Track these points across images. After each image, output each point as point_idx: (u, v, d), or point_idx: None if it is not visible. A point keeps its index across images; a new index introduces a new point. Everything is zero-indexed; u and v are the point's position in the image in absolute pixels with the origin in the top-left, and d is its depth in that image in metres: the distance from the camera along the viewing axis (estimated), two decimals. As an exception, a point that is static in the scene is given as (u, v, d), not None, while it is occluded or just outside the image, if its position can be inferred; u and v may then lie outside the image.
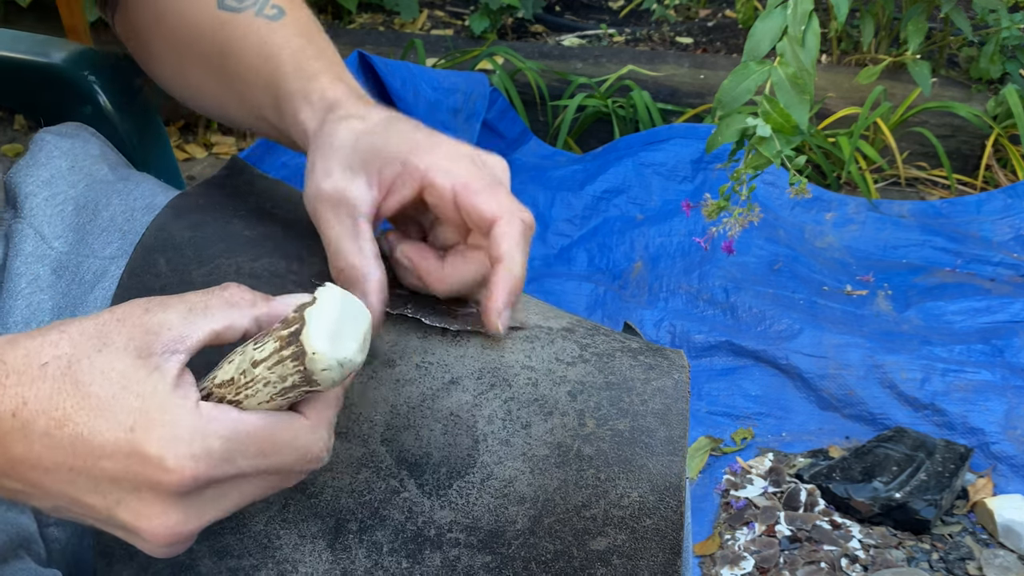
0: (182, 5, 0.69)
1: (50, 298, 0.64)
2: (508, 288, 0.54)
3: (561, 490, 0.55)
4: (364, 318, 0.45)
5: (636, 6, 3.07)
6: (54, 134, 0.75)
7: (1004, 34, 2.20)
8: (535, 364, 0.58)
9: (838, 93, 2.29)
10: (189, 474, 0.40)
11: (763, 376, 1.67)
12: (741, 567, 1.33)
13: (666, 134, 2.10)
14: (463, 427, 0.55)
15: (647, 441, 0.56)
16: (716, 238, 1.49)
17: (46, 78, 0.83)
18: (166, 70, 0.74)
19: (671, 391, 0.58)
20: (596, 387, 0.57)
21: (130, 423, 0.40)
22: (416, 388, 0.56)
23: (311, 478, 0.54)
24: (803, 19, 1.29)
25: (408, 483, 0.55)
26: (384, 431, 0.55)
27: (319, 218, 0.57)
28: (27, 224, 0.67)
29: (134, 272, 0.61)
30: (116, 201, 0.70)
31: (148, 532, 0.41)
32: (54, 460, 0.40)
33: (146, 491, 0.41)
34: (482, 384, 0.57)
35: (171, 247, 0.62)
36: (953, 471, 1.42)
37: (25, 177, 0.70)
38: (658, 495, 0.55)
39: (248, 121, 0.69)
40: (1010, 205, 1.99)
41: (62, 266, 0.66)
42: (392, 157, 0.55)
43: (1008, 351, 1.62)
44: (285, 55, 0.63)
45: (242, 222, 0.65)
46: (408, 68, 1.95)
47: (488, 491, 0.55)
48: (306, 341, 0.42)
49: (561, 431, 0.56)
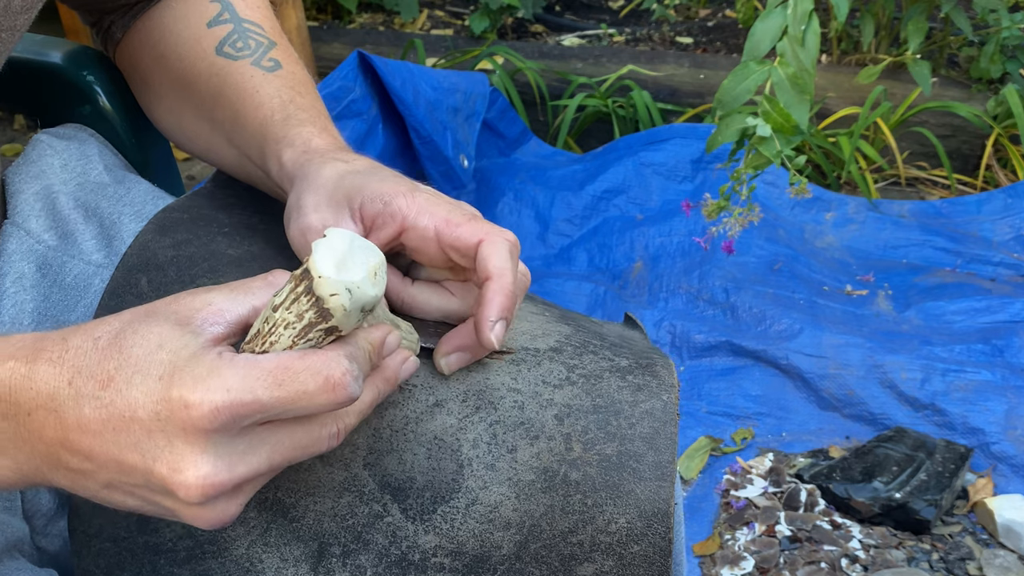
0: (182, 49, 0.72)
1: (31, 299, 0.64)
2: (501, 301, 0.54)
3: (547, 516, 0.54)
4: (375, 255, 0.46)
5: (636, 6, 3.07)
6: (50, 135, 0.75)
7: (1004, 34, 2.20)
8: (521, 387, 0.57)
9: (838, 93, 2.29)
10: (208, 408, 0.42)
11: (763, 376, 1.67)
12: (741, 567, 1.33)
13: (666, 134, 2.10)
14: (447, 451, 0.55)
15: (635, 466, 0.55)
16: (716, 238, 1.49)
17: (46, 78, 0.83)
18: (162, 109, 0.76)
19: (659, 413, 0.57)
20: (583, 410, 0.57)
21: (159, 373, 0.43)
22: (399, 411, 0.55)
23: (292, 501, 0.54)
24: (803, 19, 1.29)
25: (391, 507, 0.54)
26: (366, 455, 0.55)
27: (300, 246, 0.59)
28: (11, 222, 0.67)
29: (115, 292, 0.61)
30: (105, 205, 0.70)
31: (182, 487, 0.43)
32: (100, 420, 0.43)
33: (177, 439, 0.42)
34: (467, 407, 0.56)
35: (153, 266, 0.62)
36: (953, 471, 1.41)
37: (15, 176, 0.70)
38: (646, 521, 0.54)
39: (235, 165, 0.71)
40: (1010, 205, 1.99)
41: (47, 263, 0.66)
42: (374, 196, 0.57)
43: (1008, 351, 1.62)
44: (275, 103, 0.66)
45: (226, 240, 0.64)
46: (408, 68, 1.95)
47: (473, 516, 0.54)
48: (312, 268, 0.43)
49: (547, 456, 0.55)
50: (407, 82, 1.90)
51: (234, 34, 0.71)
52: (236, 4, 0.73)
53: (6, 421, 0.45)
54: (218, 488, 0.43)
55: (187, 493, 0.43)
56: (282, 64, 0.70)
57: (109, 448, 0.43)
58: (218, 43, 0.71)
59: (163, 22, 0.74)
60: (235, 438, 0.43)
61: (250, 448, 0.44)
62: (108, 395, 0.43)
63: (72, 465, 0.45)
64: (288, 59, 0.71)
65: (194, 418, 0.42)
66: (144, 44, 0.75)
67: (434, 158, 1.93)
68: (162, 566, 0.55)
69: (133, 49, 0.76)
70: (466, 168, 1.99)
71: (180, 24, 0.73)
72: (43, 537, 0.62)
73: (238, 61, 0.69)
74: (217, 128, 0.70)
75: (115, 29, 0.77)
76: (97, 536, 0.56)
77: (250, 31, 0.72)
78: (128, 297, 0.61)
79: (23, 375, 0.44)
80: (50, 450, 0.45)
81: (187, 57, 0.72)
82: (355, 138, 1.85)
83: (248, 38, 0.71)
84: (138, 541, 0.55)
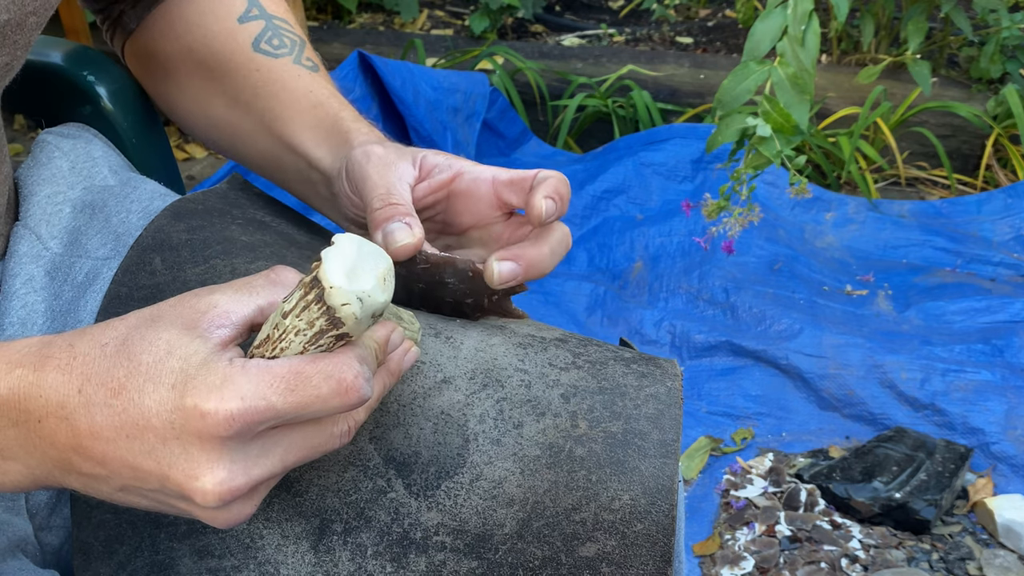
0: (214, 43, 0.74)
1: (43, 300, 0.65)
2: (555, 184, 0.60)
3: (551, 492, 0.54)
4: (383, 259, 0.46)
5: (636, 6, 3.07)
6: (56, 135, 0.75)
7: (1004, 34, 2.20)
8: (528, 368, 0.58)
9: (838, 93, 2.29)
10: (223, 416, 0.42)
11: (763, 376, 1.67)
12: (741, 567, 1.33)
13: (666, 134, 2.10)
14: (454, 426, 0.55)
15: (640, 444, 0.55)
16: (716, 238, 1.49)
17: (46, 78, 0.82)
18: (186, 99, 0.77)
19: (664, 397, 0.57)
20: (589, 391, 0.57)
21: (172, 382, 0.43)
22: (407, 386, 0.56)
23: (296, 475, 0.54)
24: (803, 19, 1.29)
25: (395, 483, 0.54)
26: (373, 428, 0.55)
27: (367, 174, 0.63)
28: (23, 225, 0.67)
29: (128, 269, 0.61)
30: (112, 204, 0.70)
31: (199, 493, 0.43)
32: (113, 428, 0.43)
33: (192, 446, 0.43)
34: (475, 384, 0.56)
35: (167, 247, 0.62)
36: (953, 471, 1.42)
37: (26, 178, 0.70)
38: (650, 498, 0.54)
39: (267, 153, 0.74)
40: (1010, 205, 1.99)
41: (56, 267, 0.66)
42: (436, 153, 0.65)
43: (1008, 351, 1.62)
44: (334, 102, 0.72)
45: (240, 229, 0.65)
46: (408, 68, 1.95)
47: (477, 492, 0.54)
48: (323, 278, 0.43)
49: (553, 432, 0.55)
50: (407, 82, 1.90)
51: (268, 31, 0.74)
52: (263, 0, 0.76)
53: (16, 428, 0.45)
54: (235, 492, 0.44)
55: (204, 499, 0.43)
56: (318, 67, 0.75)
57: (123, 454, 0.44)
58: (253, 39, 0.74)
59: (187, 14, 0.75)
60: (249, 443, 0.44)
61: (264, 451, 0.44)
62: (120, 403, 0.43)
63: (85, 470, 0.45)
64: (315, 57, 0.76)
65: (210, 426, 0.42)
66: (166, 35, 0.76)
67: (434, 158, 1.93)
68: (162, 540, 0.55)
69: (151, 39, 0.77)
70: (466, 168, 1.98)
71: (209, 18, 0.74)
72: (47, 532, 0.62)
73: (280, 59, 0.73)
74: (256, 118, 0.73)
75: (128, 19, 0.78)
76: (98, 507, 0.56)
77: (281, 28, 0.75)
78: (141, 275, 0.61)
79: (31, 383, 0.44)
80: (62, 455, 0.45)
81: (221, 51, 0.73)
82: (355, 138, 1.85)
83: (282, 36, 0.74)
84: (139, 513, 0.55)
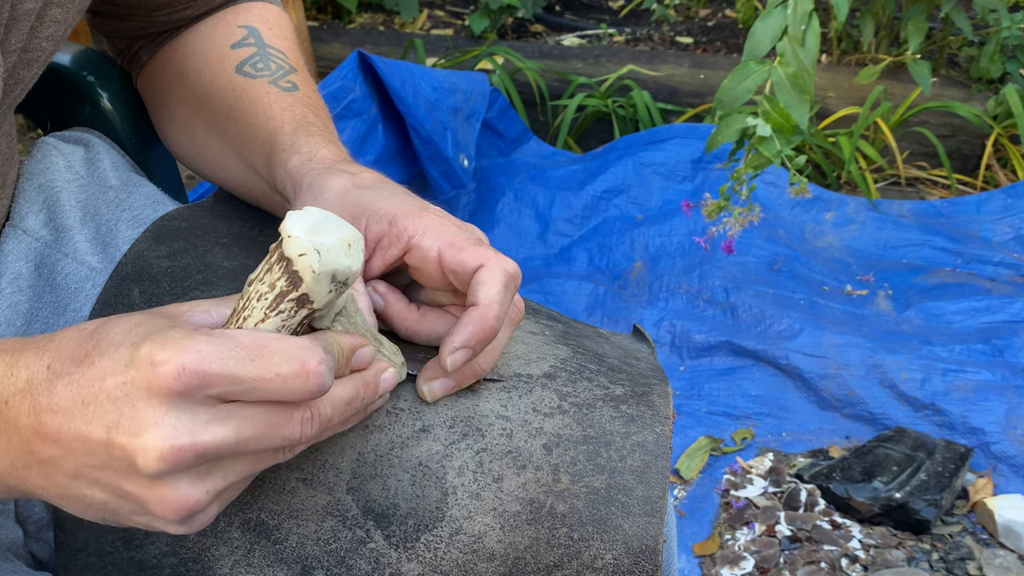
0: (203, 67, 0.73)
1: (27, 299, 0.65)
2: (472, 331, 0.52)
3: (532, 548, 0.53)
4: (351, 230, 0.45)
5: (636, 6, 3.07)
6: (58, 138, 0.76)
7: (1004, 34, 2.20)
8: (511, 414, 0.56)
9: (838, 93, 2.29)
10: (173, 366, 0.41)
11: (763, 376, 1.67)
12: (741, 567, 1.33)
13: (666, 134, 2.10)
14: (432, 478, 0.54)
15: (624, 500, 0.54)
16: (716, 238, 1.49)
17: (46, 78, 0.82)
18: (175, 127, 0.77)
19: (651, 446, 0.56)
20: (573, 440, 0.55)
21: (133, 340, 0.43)
22: (385, 435, 0.55)
23: (275, 523, 0.53)
24: (803, 19, 1.29)
25: (375, 534, 0.53)
26: (350, 479, 0.54)
27: None
28: (11, 224, 0.68)
29: (107, 303, 0.61)
30: (104, 210, 0.70)
31: (141, 452, 0.42)
32: (70, 398, 0.43)
33: (140, 401, 0.42)
34: (454, 433, 0.55)
35: (147, 276, 0.61)
36: (953, 471, 1.42)
37: (22, 176, 0.70)
38: (633, 558, 0.53)
39: (241, 180, 0.71)
40: (1010, 205, 1.99)
41: (43, 260, 0.66)
42: (380, 214, 0.56)
43: (1008, 351, 1.62)
44: (287, 116, 0.67)
45: (224, 251, 0.64)
46: (408, 68, 1.95)
47: (457, 546, 0.53)
48: (283, 230, 0.43)
49: (534, 486, 0.54)
50: (407, 82, 1.90)
51: (256, 56, 0.72)
52: (263, 31, 0.74)
53: None
54: (177, 454, 0.42)
55: (146, 459, 0.41)
56: (299, 87, 0.71)
57: (76, 425, 0.43)
58: (239, 63, 0.72)
59: (188, 43, 0.75)
60: (199, 405, 0.42)
61: (215, 419, 0.43)
62: (81, 370, 0.43)
63: (42, 454, 0.44)
64: (306, 85, 0.72)
65: (159, 375, 0.41)
66: (167, 64, 0.76)
67: (434, 158, 1.93)
68: None
69: (156, 69, 0.77)
70: (466, 168, 1.99)
71: (206, 45, 0.74)
72: (35, 543, 0.62)
73: (257, 80, 0.70)
74: (228, 143, 0.70)
75: (142, 53, 0.79)
76: (83, 550, 0.56)
77: (272, 55, 0.73)
78: (119, 308, 0.61)
79: (8, 363, 0.45)
80: (23, 440, 0.44)
81: (207, 74, 0.72)
82: (355, 138, 1.85)
83: (270, 60, 0.72)
84: (123, 556, 0.55)
